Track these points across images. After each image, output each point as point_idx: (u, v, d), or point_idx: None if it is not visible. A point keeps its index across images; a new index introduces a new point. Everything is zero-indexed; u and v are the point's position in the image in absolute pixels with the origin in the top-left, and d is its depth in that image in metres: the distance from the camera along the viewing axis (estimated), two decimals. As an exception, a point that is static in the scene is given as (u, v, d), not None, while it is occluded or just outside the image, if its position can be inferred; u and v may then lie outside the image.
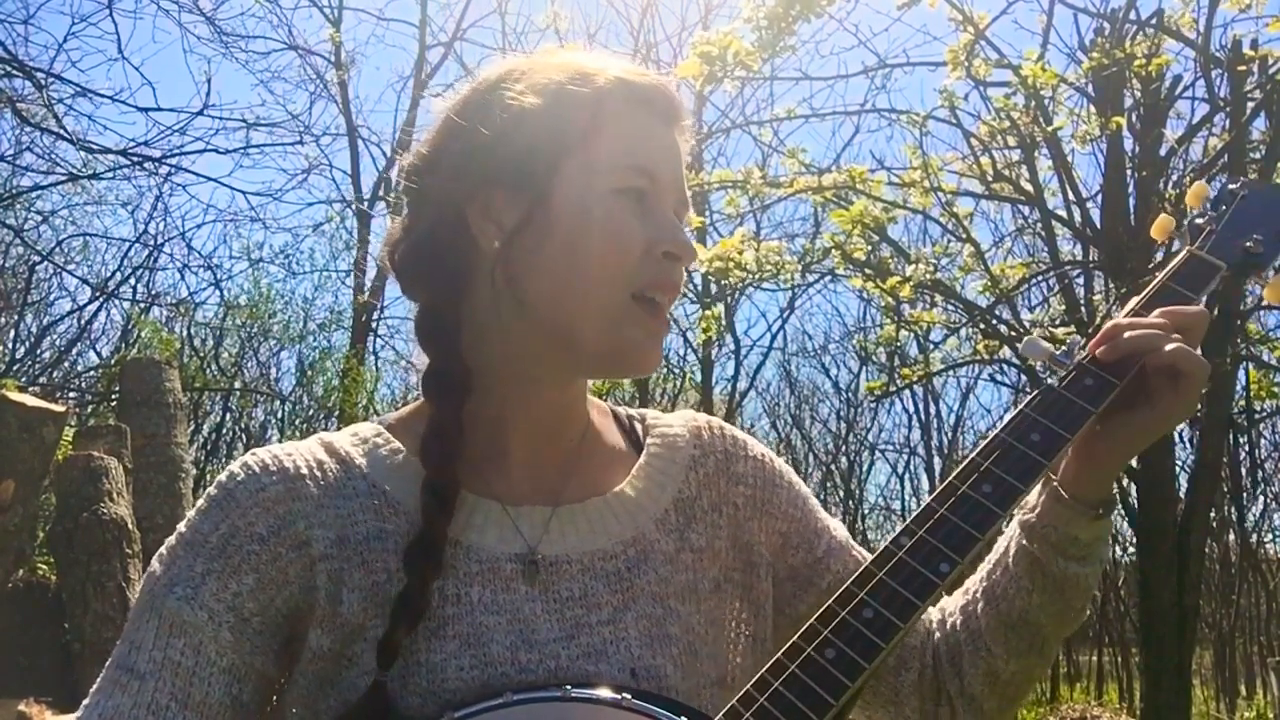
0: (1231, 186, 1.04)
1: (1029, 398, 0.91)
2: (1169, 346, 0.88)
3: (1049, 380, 0.92)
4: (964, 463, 0.88)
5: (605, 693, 0.82)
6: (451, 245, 0.92)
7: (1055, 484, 0.93)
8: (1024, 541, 0.94)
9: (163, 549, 0.90)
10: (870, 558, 1.02)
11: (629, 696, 0.82)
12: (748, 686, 0.79)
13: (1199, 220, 1.03)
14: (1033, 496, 0.94)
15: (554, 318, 0.90)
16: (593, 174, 0.89)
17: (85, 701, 0.85)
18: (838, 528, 1.05)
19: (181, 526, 0.90)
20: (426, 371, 0.92)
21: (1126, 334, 0.90)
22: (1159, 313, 0.93)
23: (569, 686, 0.82)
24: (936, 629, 1.03)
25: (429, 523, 0.85)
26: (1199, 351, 0.91)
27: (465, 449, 0.91)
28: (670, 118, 0.95)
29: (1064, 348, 0.93)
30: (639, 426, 1.03)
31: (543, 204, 0.89)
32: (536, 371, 0.93)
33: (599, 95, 0.91)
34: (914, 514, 0.85)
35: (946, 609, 1.03)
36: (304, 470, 0.90)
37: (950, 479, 0.87)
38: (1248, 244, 0.98)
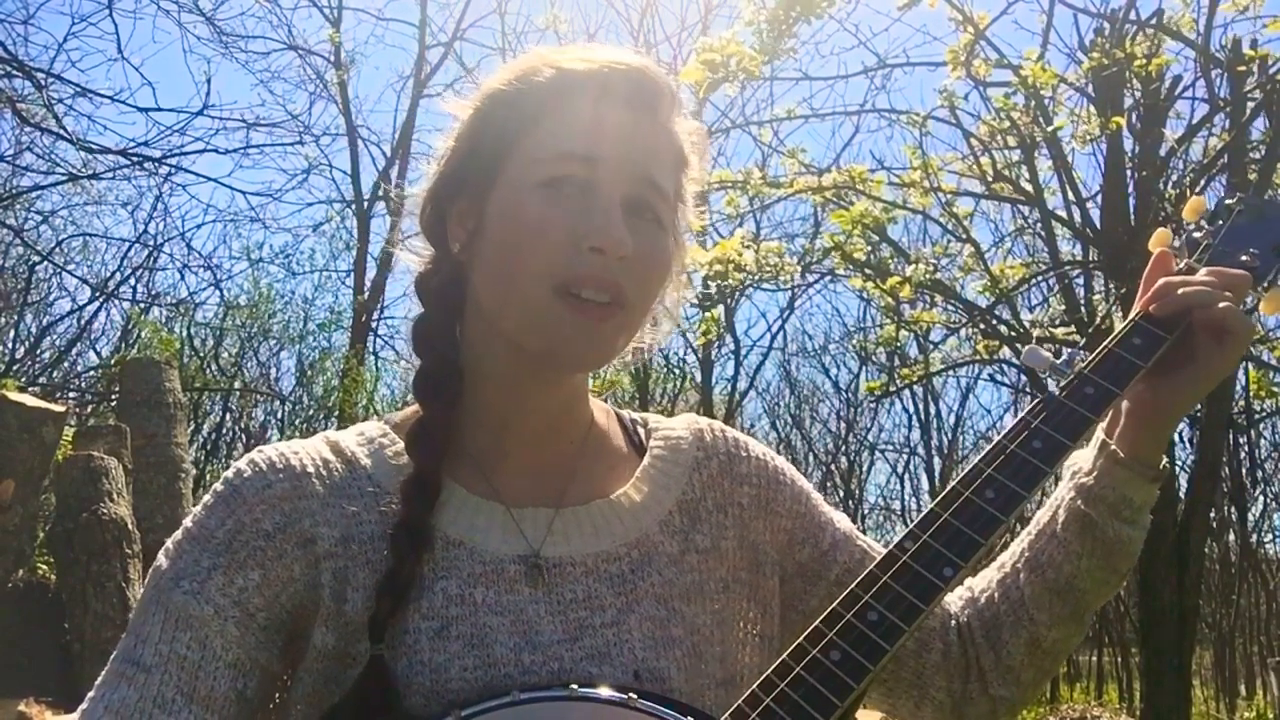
0: (1228, 201, 1.06)
1: (1031, 406, 0.93)
2: (1221, 304, 0.92)
3: (1050, 386, 0.93)
4: (968, 469, 0.89)
5: (612, 692, 0.83)
6: (442, 257, 0.96)
7: (1113, 447, 0.96)
8: (1080, 504, 0.96)
9: (169, 544, 0.90)
10: (875, 546, 1.04)
11: (635, 696, 0.82)
12: (754, 687, 0.79)
13: (1196, 234, 1.05)
14: (1087, 462, 0.97)
15: (495, 318, 0.91)
16: (524, 170, 0.89)
17: (90, 694, 0.85)
18: (841, 519, 1.06)
19: (188, 522, 0.90)
20: (417, 373, 0.94)
21: (1180, 290, 0.94)
22: (1207, 271, 0.97)
23: (575, 686, 0.82)
24: (966, 606, 1.04)
25: (409, 510, 0.87)
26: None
27: (468, 450, 0.94)
28: (635, 101, 0.91)
29: (1064, 357, 0.94)
30: (641, 430, 1.04)
31: (485, 207, 0.91)
32: (512, 373, 0.93)
33: (535, 90, 0.91)
34: (918, 519, 0.87)
35: (975, 587, 1.05)
36: (310, 469, 0.91)
37: (954, 484, 0.88)
38: (1243, 258, 1.00)
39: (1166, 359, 0.94)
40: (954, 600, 1.05)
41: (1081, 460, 0.98)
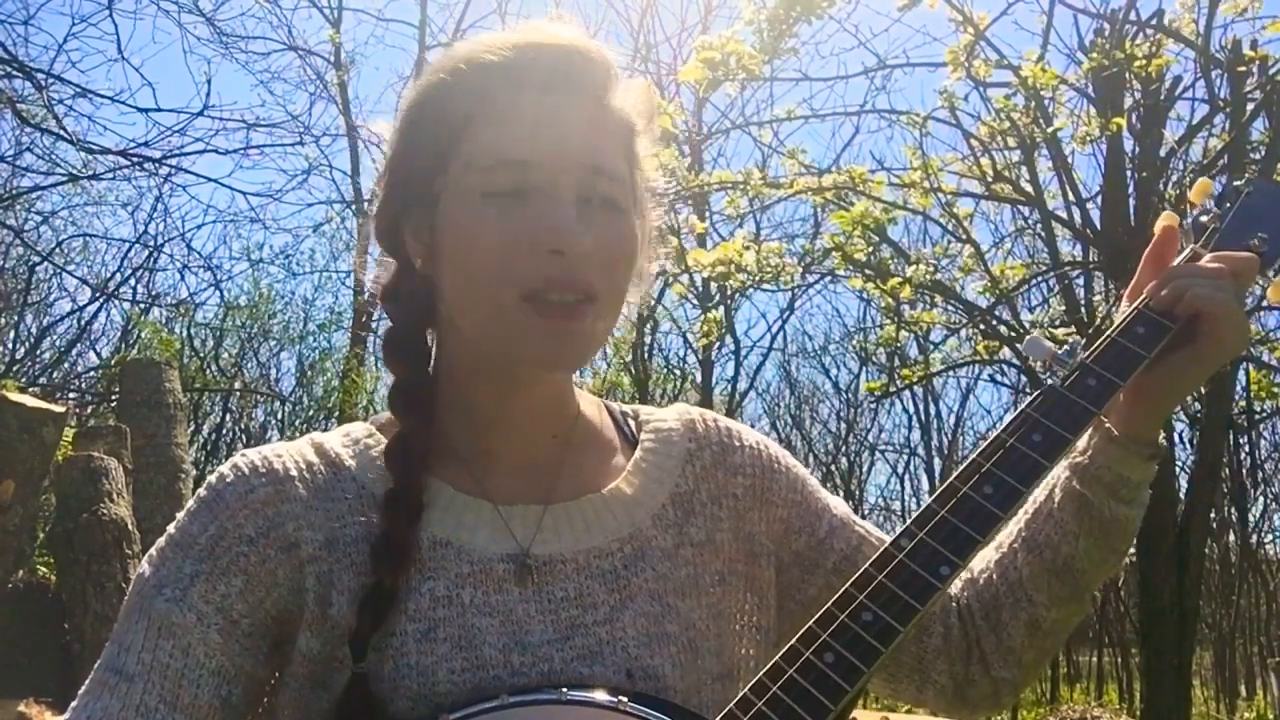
0: (1236, 183, 1.04)
1: (1030, 398, 0.91)
2: (1192, 290, 0.91)
3: (1050, 380, 0.91)
4: (965, 464, 0.87)
5: (602, 695, 0.82)
6: (404, 269, 0.93)
7: (1107, 425, 0.94)
8: (1075, 484, 0.95)
9: (152, 550, 0.89)
10: (874, 530, 1.02)
11: (625, 700, 0.81)
12: (744, 691, 0.78)
13: (1203, 218, 1.03)
14: (1082, 441, 0.96)
15: (466, 330, 0.90)
16: (466, 179, 0.87)
17: (73, 704, 0.84)
18: (838, 505, 1.05)
19: (171, 528, 0.89)
20: (391, 388, 0.93)
21: (1178, 278, 0.94)
22: (1212, 256, 0.97)
23: (565, 689, 0.81)
24: (966, 588, 1.03)
25: (389, 525, 0.86)
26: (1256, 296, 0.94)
27: (455, 450, 0.92)
28: (566, 85, 0.88)
29: (1066, 347, 0.92)
30: (633, 423, 1.03)
31: (435, 221, 0.89)
32: (492, 378, 0.92)
33: (458, 93, 0.89)
34: (914, 515, 0.85)
35: (975, 568, 1.03)
36: (293, 472, 0.90)
37: (951, 480, 0.86)
38: (1252, 242, 0.98)
39: (1174, 339, 0.93)
40: (954, 582, 1.04)
41: (1081, 440, 0.96)
